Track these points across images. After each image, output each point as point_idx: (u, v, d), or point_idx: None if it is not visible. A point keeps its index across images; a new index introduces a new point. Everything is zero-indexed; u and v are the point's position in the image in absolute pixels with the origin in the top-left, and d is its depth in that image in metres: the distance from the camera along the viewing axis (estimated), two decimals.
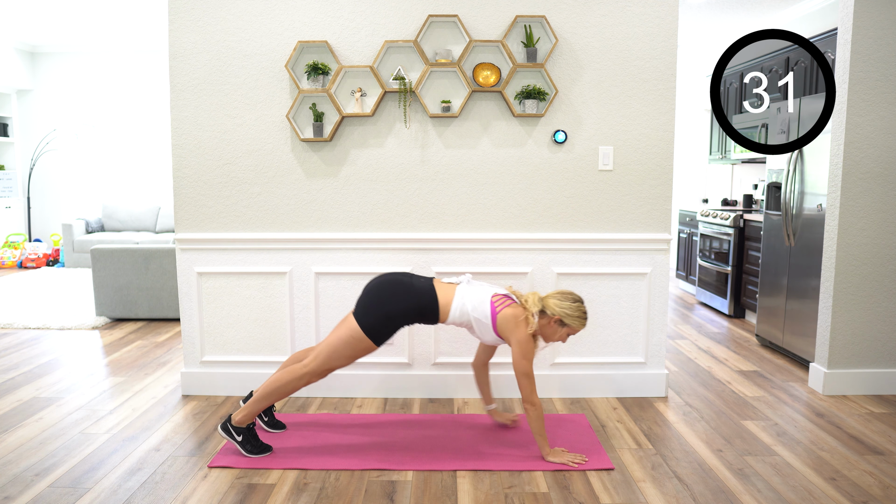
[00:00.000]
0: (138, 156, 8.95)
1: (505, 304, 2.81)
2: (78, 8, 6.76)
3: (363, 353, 2.80)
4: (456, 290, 2.84)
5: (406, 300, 2.77)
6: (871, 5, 3.50)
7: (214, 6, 3.44)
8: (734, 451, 2.96)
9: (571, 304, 2.80)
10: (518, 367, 2.76)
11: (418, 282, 2.83)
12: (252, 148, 3.53)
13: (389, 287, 2.78)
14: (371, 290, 2.81)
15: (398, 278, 2.83)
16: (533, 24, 3.44)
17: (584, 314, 2.82)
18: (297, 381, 2.80)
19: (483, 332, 2.83)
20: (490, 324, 2.79)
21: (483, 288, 2.87)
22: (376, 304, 2.76)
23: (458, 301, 2.81)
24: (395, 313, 2.75)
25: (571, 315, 2.79)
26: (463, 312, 2.81)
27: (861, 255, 3.66)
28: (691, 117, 8.04)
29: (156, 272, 5.32)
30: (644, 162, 3.54)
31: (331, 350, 2.77)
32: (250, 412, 2.84)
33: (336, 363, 2.80)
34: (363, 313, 2.76)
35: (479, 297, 2.82)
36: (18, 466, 2.78)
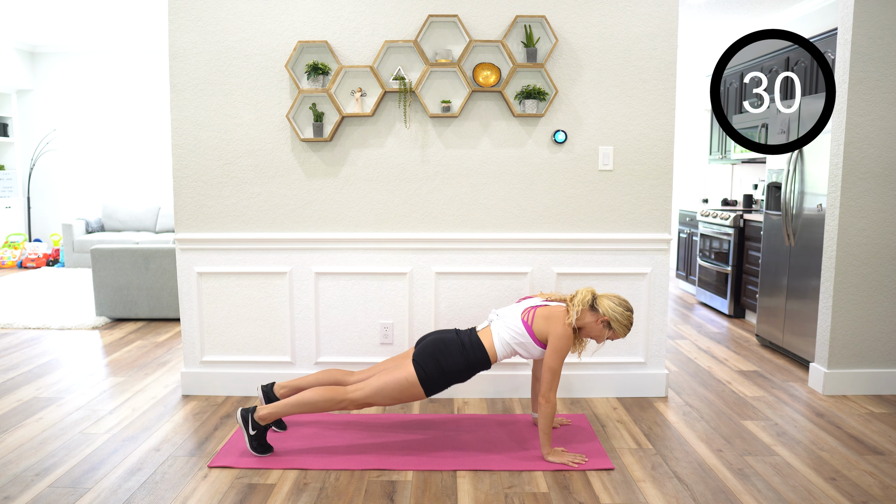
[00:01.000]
0: (138, 156, 8.95)
1: (532, 313, 2.87)
2: (78, 8, 6.76)
3: (410, 399, 2.86)
4: (490, 329, 2.92)
5: (460, 359, 2.85)
6: (871, 5, 3.50)
7: (214, 6, 3.44)
8: (734, 451, 2.96)
9: (624, 310, 2.84)
10: (549, 360, 2.79)
11: (468, 340, 2.90)
12: (252, 148, 3.53)
13: (446, 346, 2.86)
14: (430, 345, 2.88)
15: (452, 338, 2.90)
16: (533, 24, 3.44)
17: (630, 324, 2.86)
18: (336, 404, 2.83)
19: (531, 350, 2.88)
20: (531, 339, 2.85)
21: (512, 312, 2.93)
22: (434, 360, 2.83)
23: (497, 338, 2.89)
24: (449, 370, 2.84)
25: (620, 321, 2.83)
26: (505, 345, 2.88)
27: (861, 255, 3.66)
28: (691, 117, 8.04)
29: (156, 272, 5.32)
30: (644, 162, 3.54)
31: (381, 388, 2.82)
32: (277, 412, 2.83)
33: (380, 401, 2.85)
34: (422, 367, 2.83)
35: (511, 323, 2.89)
36: (18, 466, 2.78)
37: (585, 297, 2.85)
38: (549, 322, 2.82)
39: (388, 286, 3.60)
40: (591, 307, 2.86)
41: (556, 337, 2.79)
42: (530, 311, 2.88)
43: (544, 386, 2.79)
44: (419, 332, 3.63)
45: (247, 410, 2.87)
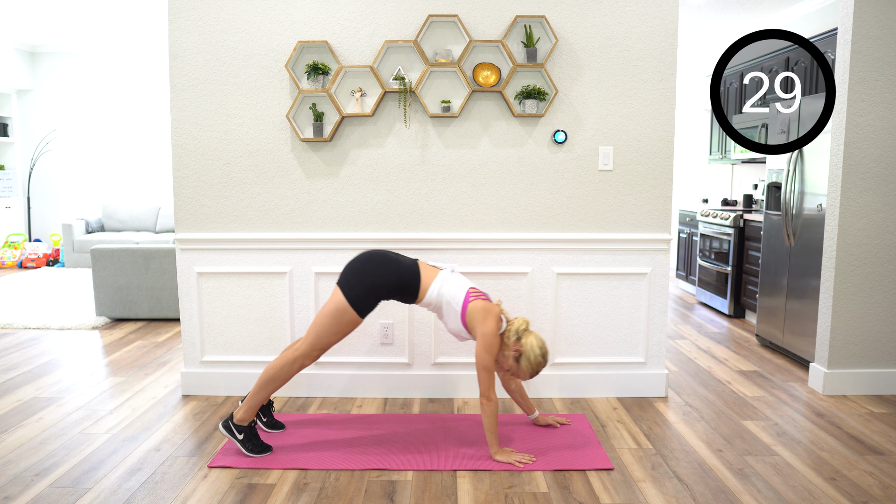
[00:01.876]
0: (138, 156, 8.95)
1: (479, 296, 2.86)
2: (78, 8, 6.76)
3: (349, 327, 2.82)
4: (438, 273, 2.91)
5: (391, 273, 2.82)
6: (871, 5, 3.50)
7: (214, 6, 3.44)
8: (734, 451, 2.96)
9: (539, 354, 2.82)
10: (480, 359, 2.78)
11: (404, 259, 2.91)
12: (252, 148, 3.53)
13: (376, 260, 2.84)
14: (357, 262, 2.85)
15: (384, 253, 2.90)
16: (533, 24, 3.44)
17: (535, 371, 2.85)
18: (290, 366, 2.83)
19: (450, 317, 2.87)
20: (459, 310, 2.84)
21: (463, 280, 2.93)
22: (362, 275, 2.80)
23: (438, 283, 2.87)
24: (379, 284, 2.80)
25: (529, 360, 2.82)
26: (439, 295, 2.86)
27: (861, 255, 3.66)
28: (691, 117, 8.04)
29: (156, 272, 5.32)
30: (644, 162, 3.54)
31: (319, 328, 2.81)
32: (250, 406, 2.85)
33: (326, 341, 2.83)
34: (349, 285, 2.79)
35: (457, 285, 2.88)
36: (18, 466, 2.78)
37: (521, 325, 2.85)
38: (486, 316, 2.79)
39: None
40: (518, 338, 2.84)
41: (488, 335, 2.77)
42: (478, 293, 2.87)
43: (482, 386, 2.78)
44: (419, 332, 3.63)
45: (226, 420, 2.88)
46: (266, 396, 2.87)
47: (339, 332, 2.82)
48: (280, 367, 2.83)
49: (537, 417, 3.22)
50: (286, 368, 2.83)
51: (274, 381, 2.85)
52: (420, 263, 2.93)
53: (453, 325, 2.89)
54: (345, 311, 2.79)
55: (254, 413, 2.87)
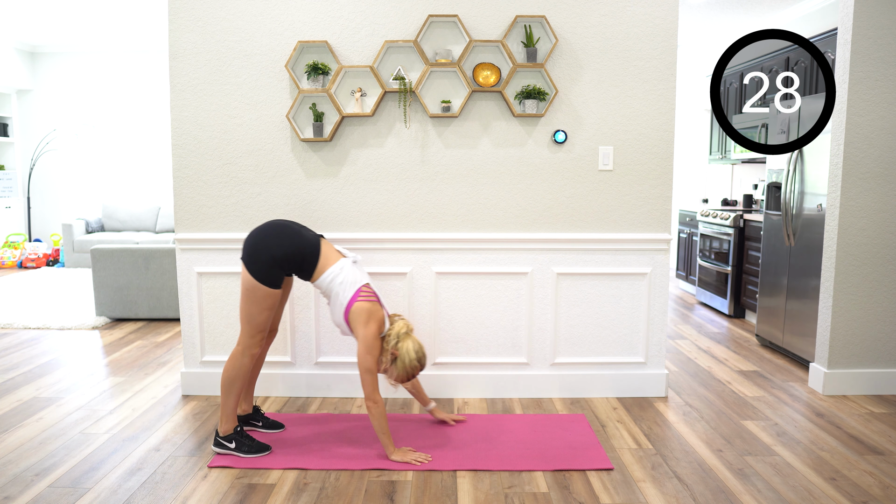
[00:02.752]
0: (138, 156, 8.95)
1: (368, 298, 2.82)
2: (78, 8, 6.76)
3: (268, 300, 2.79)
4: (339, 260, 2.87)
5: (290, 245, 2.78)
6: (871, 5, 3.50)
7: (214, 6, 3.44)
8: (734, 451, 2.96)
9: (413, 359, 2.83)
10: (362, 362, 2.77)
11: (307, 232, 2.88)
12: (252, 148, 3.53)
13: (276, 230, 2.80)
14: (257, 233, 2.81)
15: (287, 224, 2.85)
16: (533, 24, 3.44)
17: (411, 376, 2.86)
18: (240, 360, 2.83)
19: (335, 309, 2.85)
20: (345, 305, 2.81)
21: (362, 275, 2.88)
22: (261, 248, 2.76)
23: (336, 269, 2.83)
24: (278, 256, 2.76)
25: (405, 363, 2.83)
26: (332, 282, 2.82)
27: (861, 255, 3.66)
28: (691, 117, 8.04)
29: (156, 272, 5.32)
30: (644, 162, 3.54)
31: (243, 314, 2.80)
32: (225, 414, 2.86)
33: (255, 321, 2.80)
34: (250, 260, 2.77)
35: (352, 279, 2.83)
36: (18, 466, 2.78)
37: (401, 329, 2.85)
38: (369, 319, 2.78)
39: (388, 286, 3.60)
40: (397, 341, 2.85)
41: (368, 338, 2.77)
42: (370, 294, 2.83)
43: (366, 389, 2.77)
44: (419, 332, 3.63)
45: (215, 438, 2.90)
46: (235, 400, 2.86)
47: (262, 308, 2.79)
48: (232, 367, 2.84)
49: (433, 409, 3.21)
50: (237, 366, 2.83)
51: (233, 382, 2.84)
52: (323, 242, 2.89)
53: (337, 318, 2.86)
54: (254, 287, 2.76)
55: (233, 419, 2.87)
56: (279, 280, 2.80)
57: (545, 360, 3.65)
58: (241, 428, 2.90)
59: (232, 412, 2.87)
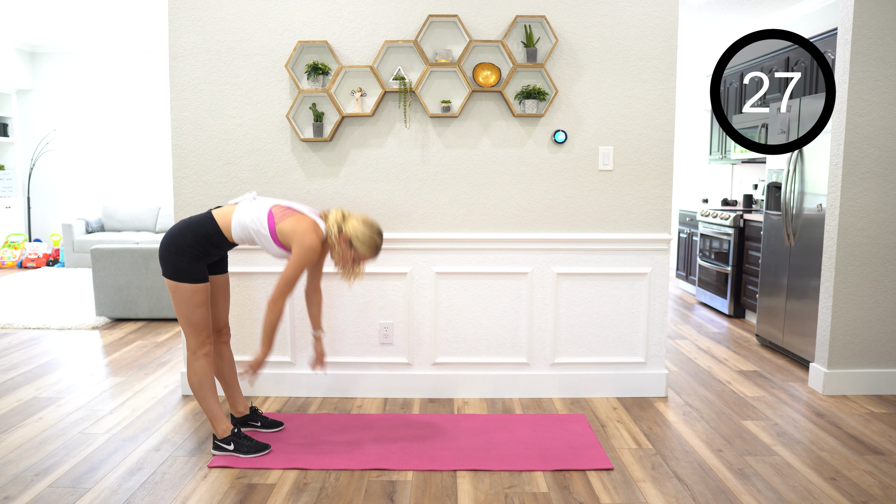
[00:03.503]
0: (138, 156, 8.95)
1: (286, 215, 2.75)
2: (78, 8, 6.76)
3: (199, 297, 2.75)
4: (235, 209, 2.80)
5: (187, 233, 2.74)
6: (871, 5, 3.50)
7: (214, 6, 3.44)
8: (734, 451, 2.96)
9: (365, 231, 2.77)
10: (288, 270, 2.69)
11: (196, 216, 2.81)
12: (252, 148, 3.53)
13: (172, 232, 2.77)
14: (161, 243, 2.79)
15: (179, 223, 2.82)
16: (533, 24, 3.44)
17: (376, 246, 2.80)
18: (194, 366, 2.81)
19: (266, 244, 2.77)
20: (269, 234, 2.74)
21: (264, 202, 2.81)
22: (167, 251, 2.74)
23: (237, 217, 2.76)
24: (184, 248, 2.72)
25: (361, 241, 2.77)
26: (243, 227, 2.76)
27: (861, 255, 3.66)
28: (691, 117, 8.04)
29: (156, 272, 5.32)
30: (644, 162, 3.54)
31: (180, 319, 2.79)
32: (214, 418, 2.86)
33: (194, 320, 2.77)
34: (164, 268, 2.76)
35: (257, 210, 2.77)
36: (18, 466, 2.78)
37: (337, 216, 2.79)
38: (302, 231, 2.70)
39: (388, 286, 3.60)
40: (339, 229, 2.78)
41: (302, 246, 2.69)
42: (284, 211, 2.76)
43: (275, 291, 2.70)
44: (419, 332, 3.63)
45: (213, 442, 2.89)
46: (213, 402, 2.84)
47: (192, 305, 2.75)
48: (192, 373, 2.82)
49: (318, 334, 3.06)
50: (197, 369, 2.81)
51: (200, 386, 2.82)
52: (213, 211, 2.82)
53: (272, 250, 2.78)
54: (175, 288, 2.73)
55: (223, 420, 2.87)
56: (198, 273, 2.74)
57: (545, 360, 3.65)
58: (238, 429, 2.90)
59: (218, 413, 2.85)
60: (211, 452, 2.91)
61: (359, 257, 2.82)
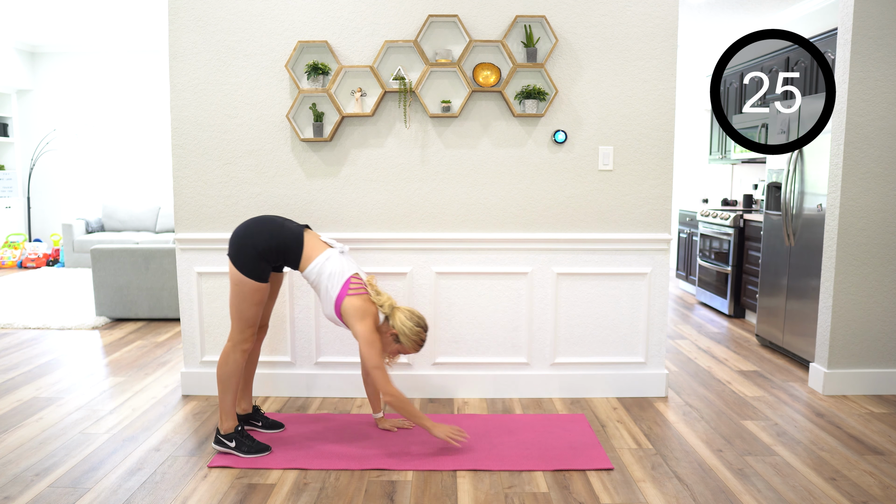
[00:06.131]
0: (138, 156, 8.95)
1: (358, 291, 2.80)
2: (78, 8, 6.76)
3: (256, 295, 2.79)
4: (325, 250, 2.85)
5: (273, 238, 2.79)
6: (871, 5, 3.50)
7: (214, 6, 3.44)
8: (734, 451, 2.96)
9: (415, 326, 2.82)
10: (367, 359, 2.75)
11: (290, 224, 2.87)
12: (252, 148, 3.53)
13: (258, 225, 2.81)
14: (240, 229, 2.82)
15: (269, 218, 2.86)
16: (533, 24, 3.44)
17: (420, 341, 2.84)
18: (232, 356, 2.83)
19: (326, 303, 2.83)
20: (334, 300, 2.79)
21: (348, 265, 2.85)
22: (244, 242, 2.77)
23: (321, 260, 2.82)
24: (261, 249, 2.77)
25: (408, 336, 2.82)
26: (319, 273, 2.81)
27: (861, 255, 3.66)
28: (691, 117, 8.04)
29: (156, 272, 5.32)
30: (644, 162, 3.54)
31: (233, 309, 2.81)
32: (224, 412, 2.86)
33: (245, 316, 2.80)
34: (235, 254, 2.78)
35: (340, 268, 2.81)
36: (18, 466, 2.78)
37: (385, 308, 2.83)
38: (361, 316, 2.76)
39: (389, 286, 3.60)
40: (386, 318, 2.85)
41: (366, 333, 2.74)
42: (359, 286, 2.81)
43: (380, 383, 2.75)
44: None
45: (215, 436, 2.90)
46: (232, 397, 2.86)
47: (250, 302, 2.79)
48: (225, 364, 2.84)
49: (380, 418, 3.18)
50: (231, 361, 2.83)
51: (228, 379, 2.84)
52: (307, 232, 2.88)
53: (328, 311, 2.84)
54: (241, 281, 2.77)
55: (233, 417, 2.88)
56: (265, 274, 2.80)
57: (545, 360, 3.65)
58: (242, 427, 2.90)
59: (231, 410, 2.87)
60: (212, 447, 2.91)
61: (403, 351, 2.87)
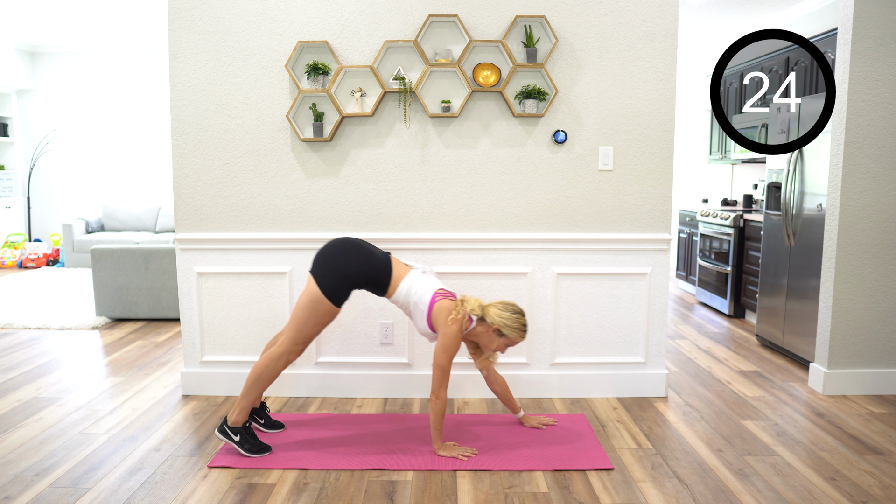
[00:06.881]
0: (138, 156, 8.95)
1: (444, 297, 2.86)
2: (78, 8, 6.76)
3: (326, 317, 2.82)
4: (409, 272, 2.92)
5: (363, 263, 2.83)
6: (871, 5, 3.50)
7: (214, 6, 3.44)
8: (734, 451, 2.96)
9: (512, 314, 2.84)
10: (437, 357, 2.79)
11: (377, 251, 2.92)
12: (252, 148, 3.53)
13: (348, 248, 2.84)
14: (329, 250, 2.85)
15: (357, 242, 2.90)
16: (533, 24, 3.44)
17: (523, 326, 2.86)
18: (276, 363, 2.84)
19: (418, 318, 2.87)
20: (426, 312, 2.84)
21: (432, 281, 2.93)
22: (334, 264, 2.80)
23: (408, 282, 2.88)
24: (350, 274, 2.81)
25: (510, 326, 2.84)
26: (407, 294, 2.87)
27: (861, 255, 3.66)
28: (691, 117, 8.04)
29: (156, 272, 5.32)
30: (644, 162, 3.54)
31: (297, 322, 2.82)
32: (242, 407, 2.86)
33: (306, 333, 2.83)
34: (322, 274, 2.80)
35: (425, 285, 2.88)
36: (18, 466, 2.78)
37: (475, 310, 2.84)
38: (448, 317, 2.79)
39: None
40: (481, 318, 2.86)
41: (448, 335, 2.78)
42: (445, 294, 2.87)
43: (434, 383, 2.79)
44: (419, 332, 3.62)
45: (221, 425, 2.90)
46: (256, 396, 2.87)
47: (317, 322, 2.82)
48: (265, 366, 2.85)
49: (524, 417, 3.21)
50: (272, 366, 2.84)
51: (261, 381, 2.86)
52: (392, 258, 2.94)
53: (421, 326, 2.89)
54: (320, 301, 2.78)
55: (247, 414, 2.87)
56: (344, 299, 2.84)
57: (545, 360, 3.65)
58: (249, 424, 2.90)
59: (248, 407, 2.87)
60: (216, 433, 2.90)
61: (509, 343, 2.89)
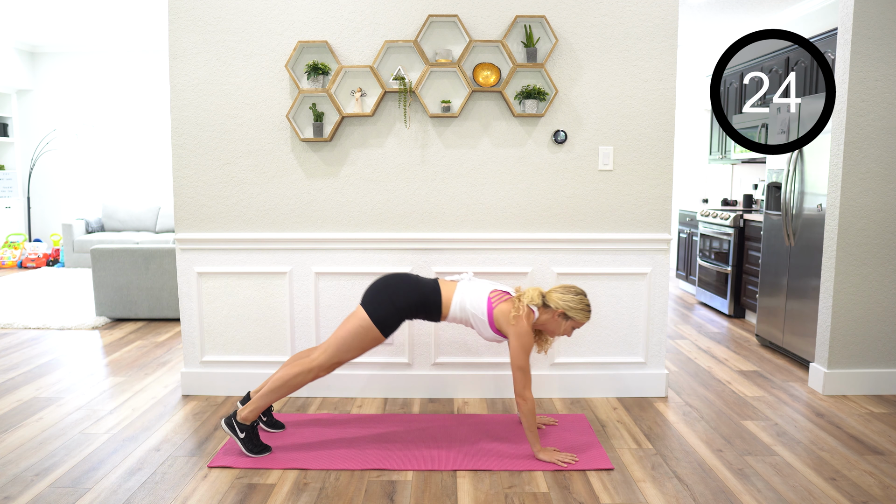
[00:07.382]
0: (138, 156, 8.95)
1: (502, 299, 2.87)
2: (78, 8, 6.76)
3: (371, 345, 2.85)
4: (456, 286, 2.93)
5: (414, 294, 2.86)
6: (871, 5, 3.50)
7: (214, 6, 3.44)
8: (734, 451, 2.96)
9: (574, 296, 2.86)
10: (515, 359, 2.79)
11: (424, 279, 2.95)
12: (252, 148, 3.53)
13: (398, 282, 2.88)
14: (380, 284, 2.89)
15: (406, 275, 2.93)
16: (533, 24, 3.44)
17: (587, 306, 2.88)
18: (305, 375, 2.84)
19: (481, 328, 2.89)
20: (487, 320, 2.85)
21: (482, 285, 2.93)
22: (386, 296, 2.83)
23: (458, 298, 2.89)
24: (402, 305, 2.83)
25: (575, 308, 2.85)
26: (462, 309, 2.89)
27: (861, 255, 3.66)
28: (691, 117, 8.04)
29: (156, 272, 5.32)
30: (644, 162, 3.54)
31: (340, 343, 2.82)
32: (257, 407, 2.85)
33: (345, 356, 2.85)
34: (374, 305, 2.82)
35: (477, 293, 2.89)
36: (18, 466, 2.78)
37: (535, 299, 2.85)
38: (514, 318, 2.80)
39: None
40: (544, 305, 2.87)
41: (521, 335, 2.79)
42: (500, 296, 2.88)
43: (518, 385, 2.80)
44: (419, 332, 3.63)
45: (229, 417, 2.89)
46: (274, 400, 2.87)
47: (360, 348, 2.85)
48: (294, 375, 2.83)
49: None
50: (301, 377, 2.84)
51: (286, 388, 2.85)
52: (440, 281, 2.95)
53: (487, 335, 2.89)
54: (369, 329, 2.81)
55: (258, 414, 2.87)
56: (393, 329, 2.86)
57: (545, 360, 3.65)
58: (257, 424, 2.91)
59: (262, 409, 2.86)
60: (221, 423, 2.90)
61: (576, 325, 2.91)
